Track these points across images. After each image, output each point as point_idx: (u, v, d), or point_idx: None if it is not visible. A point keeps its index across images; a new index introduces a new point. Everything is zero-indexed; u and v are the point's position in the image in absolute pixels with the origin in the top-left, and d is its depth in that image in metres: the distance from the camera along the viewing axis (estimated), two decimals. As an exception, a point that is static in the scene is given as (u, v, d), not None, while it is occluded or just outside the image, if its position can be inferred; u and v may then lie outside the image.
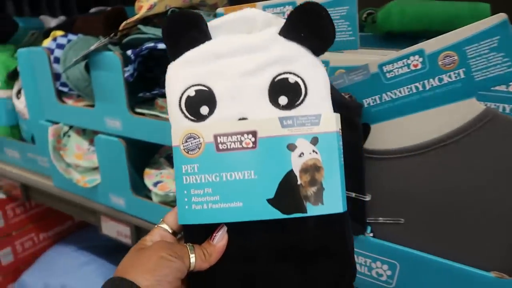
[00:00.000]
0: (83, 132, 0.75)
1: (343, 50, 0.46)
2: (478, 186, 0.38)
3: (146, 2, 0.60)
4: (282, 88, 0.32)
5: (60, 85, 0.71)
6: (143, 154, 0.69)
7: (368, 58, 0.42)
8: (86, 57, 0.63)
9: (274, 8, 0.46)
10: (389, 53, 0.40)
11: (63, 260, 0.98)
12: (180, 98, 0.34)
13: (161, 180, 0.64)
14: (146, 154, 0.70)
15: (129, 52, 0.58)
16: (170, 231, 0.35)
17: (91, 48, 0.60)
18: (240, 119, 0.33)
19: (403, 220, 0.43)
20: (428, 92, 0.39)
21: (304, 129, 0.31)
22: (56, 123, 0.73)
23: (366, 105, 0.42)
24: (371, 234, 0.45)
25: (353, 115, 0.42)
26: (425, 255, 0.42)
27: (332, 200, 0.31)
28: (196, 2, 0.68)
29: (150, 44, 0.56)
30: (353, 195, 0.44)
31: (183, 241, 0.35)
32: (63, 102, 0.71)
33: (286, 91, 0.32)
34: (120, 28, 0.61)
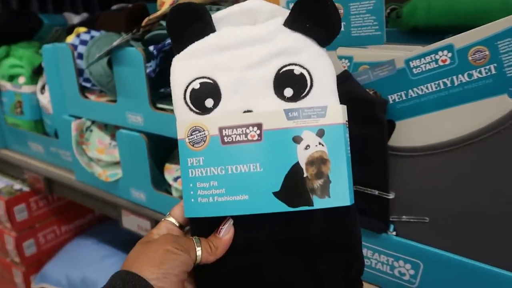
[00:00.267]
0: (105, 127, 0.77)
1: (368, 46, 0.45)
2: (507, 186, 0.37)
3: (168, -2, 0.61)
4: (287, 80, 0.32)
5: (83, 81, 0.73)
6: (164, 149, 0.69)
7: (393, 54, 0.41)
8: (109, 53, 0.63)
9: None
10: (415, 49, 0.39)
11: (84, 253, 1.01)
12: (185, 91, 0.34)
13: (181, 175, 0.65)
14: (167, 149, 0.70)
15: (152, 48, 0.58)
16: (177, 225, 0.35)
17: (114, 44, 0.61)
18: (245, 112, 0.32)
19: (428, 219, 0.42)
20: (457, 88, 0.38)
21: (310, 121, 0.31)
22: (79, 118, 0.74)
23: (391, 102, 0.41)
24: (394, 233, 0.45)
25: (378, 112, 0.41)
26: (451, 255, 0.41)
27: (339, 193, 0.31)
28: (217, -2, 0.68)
29: (172, 40, 0.56)
30: (376, 193, 0.44)
31: (190, 235, 0.35)
32: (86, 98, 0.73)
33: (292, 83, 0.32)
34: (143, 24, 0.61)
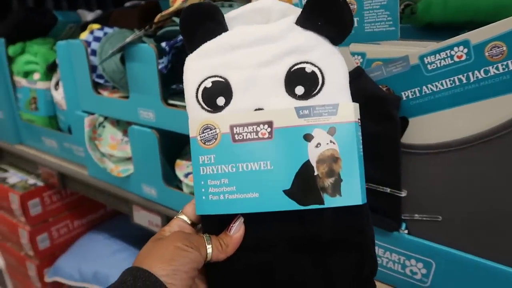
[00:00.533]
0: (118, 123, 0.77)
1: (381, 42, 0.45)
2: (524, 184, 0.36)
3: (181, -5, 0.61)
4: (299, 78, 0.32)
5: (96, 77, 0.73)
6: (175, 145, 0.70)
7: (406, 50, 0.41)
8: (122, 49, 0.64)
9: None
10: (429, 45, 0.39)
11: (96, 247, 1.02)
12: (197, 90, 0.34)
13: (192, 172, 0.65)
14: (178, 145, 0.71)
15: (164, 44, 0.59)
16: (189, 222, 0.35)
17: (127, 41, 0.61)
18: (256, 110, 0.32)
19: (441, 218, 0.42)
20: (472, 85, 0.37)
21: (321, 119, 0.31)
22: (92, 114, 0.75)
23: (405, 98, 0.41)
24: (406, 231, 0.44)
25: (391, 108, 0.40)
26: (464, 254, 0.40)
27: (351, 192, 0.31)
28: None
29: (184, 36, 0.57)
30: (388, 191, 0.43)
31: (202, 232, 0.35)
32: (99, 94, 0.74)
33: (303, 81, 0.32)
34: (155, 21, 0.62)
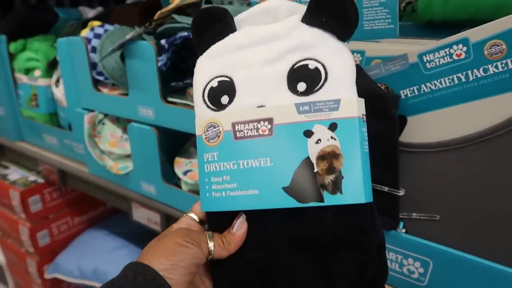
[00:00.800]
0: (117, 120, 0.77)
1: (380, 40, 0.45)
2: (523, 184, 0.36)
3: (181, -8, 0.61)
4: (301, 75, 0.32)
5: (96, 74, 0.74)
6: (174, 143, 0.70)
7: (406, 48, 0.40)
8: (121, 47, 0.64)
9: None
10: (428, 43, 0.39)
11: (96, 244, 1.02)
12: (204, 90, 0.35)
13: (191, 169, 0.65)
14: (177, 143, 0.71)
15: (163, 41, 0.58)
16: (197, 220, 0.36)
17: (126, 38, 0.61)
18: (259, 107, 0.32)
19: (438, 217, 0.41)
20: (472, 84, 0.37)
21: (322, 115, 0.31)
22: (92, 111, 0.75)
23: (403, 97, 0.41)
24: (404, 230, 0.44)
25: (389, 107, 0.40)
26: (461, 254, 0.40)
27: (352, 190, 0.30)
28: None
29: (184, 33, 0.57)
30: (386, 189, 0.43)
31: (207, 230, 0.35)
32: (99, 91, 0.74)
33: (305, 78, 0.32)
34: (155, 18, 0.61)
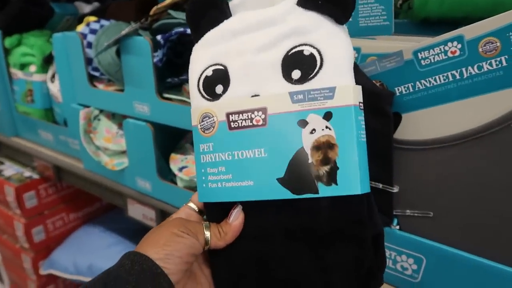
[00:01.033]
0: (113, 116, 0.77)
1: (376, 37, 0.45)
2: (516, 181, 0.36)
3: (177, -13, 0.61)
4: (296, 62, 0.31)
5: (92, 70, 0.73)
6: (170, 139, 0.69)
7: (402, 45, 0.40)
8: (117, 42, 0.64)
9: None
10: (424, 40, 0.39)
11: (91, 240, 1.02)
12: (199, 79, 0.34)
13: (186, 166, 0.65)
14: (173, 139, 0.70)
15: (159, 37, 0.58)
16: (196, 210, 0.36)
17: (122, 33, 0.61)
18: (253, 96, 0.32)
19: (432, 214, 0.42)
20: (466, 81, 0.37)
21: (316, 104, 0.30)
22: (87, 107, 0.75)
23: (398, 94, 0.41)
24: (398, 227, 0.44)
25: (384, 104, 0.40)
26: (454, 251, 0.40)
27: (348, 180, 0.29)
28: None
29: (180, 29, 0.56)
30: (380, 186, 0.43)
31: (205, 220, 0.36)
32: (94, 86, 0.73)
33: (300, 65, 0.31)
34: (151, 13, 0.61)
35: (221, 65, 0.33)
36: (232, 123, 0.32)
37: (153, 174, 0.67)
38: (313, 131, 0.30)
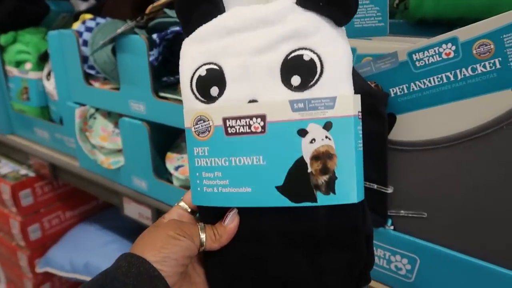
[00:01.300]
0: (109, 115, 0.77)
1: (372, 37, 0.45)
2: (508, 183, 0.36)
3: (173, -14, 0.60)
4: (295, 67, 0.30)
5: (88, 68, 0.73)
6: (166, 138, 0.69)
7: (397, 46, 0.40)
8: (113, 40, 0.63)
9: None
10: (420, 41, 0.39)
11: (88, 238, 1.02)
12: (192, 78, 0.33)
13: (182, 165, 0.65)
14: (169, 138, 0.70)
15: (154, 36, 0.58)
16: (188, 210, 0.36)
17: (118, 31, 0.60)
18: (250, 101, 0.31)
19: (426, 214, 0.42)
20: (460, 83, 0.37)
21: (317, 113, 0.29)
22: (83, 105, 0.75)
23: (393, 95, 0.41)
24: (392, 227, 0.44)
25: (379, 105, 0.40)
26: (448, 251, 0.40)
27: (345, 190, 0.29)
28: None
29: (175, 28, 0.56)
30: (375, 187, 0.43)
31: (199, 221, 0.36)
32: (90, 85, 0.73)
33: (300, 70, 0.30)
34: (147, 12, 0.61)
35: (215, 65, 0.32)
36: (229, 129, 0.31)
37: (149, 173, 0.67)
38: (313, 141, 0.30)
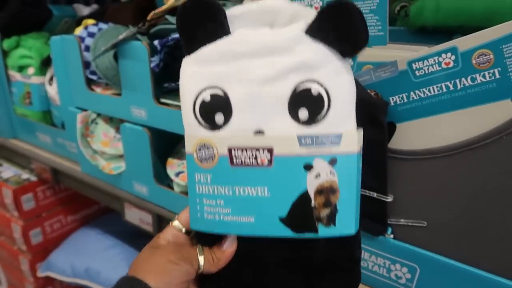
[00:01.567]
0: (110, 120, 0.77)
1: (371, 46, 0.45)
2: (508, 193, 0.36)
3: (174, -7, 0.61)
4: (304, 101, 0.30)
5: (90, 73, 0.73)
6: (167, 144, 0.70)
7: (398, 54, 0.40)
8: (115, 46, 0.64)
9: (302, 1, 0.45)
10: (420, 49, 0.39)
11: (89, 243, 1.02)
12: (195, 102, 0.32)
13: (183, 171, 0.65)
14: (170, 144, 0.71)
15: (156, 42, 0.58)
16: (183, 231, 0.36)
17: (120, 38, 0.61)
18: (257, 132, 0.31)
19: (426, 223, 0.42)
20: (460, 92, 0.37)
21: (323, 149, 0.30)
22: (85, 110, 0.75)
23: (393, 104, 0.41)
24: (392, 236, 0.44)
25: (379, 113, 0.40)
26: (448, 260, 0.40)
27: (345, 222, 0.31)
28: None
29: (176, 35, 0.56)
30: (375, 195, 0.43)
31: (195, 241, 0.36)
32: (92, 90, 0.73)
33: (308, 104, 0.30)
34: (148, 18, 0.61)
35: (220, 89, 0.31)
36: (235, 159, 0.31)
37: (150, 179, 0.67)
38: (318, 176, 0.30)
